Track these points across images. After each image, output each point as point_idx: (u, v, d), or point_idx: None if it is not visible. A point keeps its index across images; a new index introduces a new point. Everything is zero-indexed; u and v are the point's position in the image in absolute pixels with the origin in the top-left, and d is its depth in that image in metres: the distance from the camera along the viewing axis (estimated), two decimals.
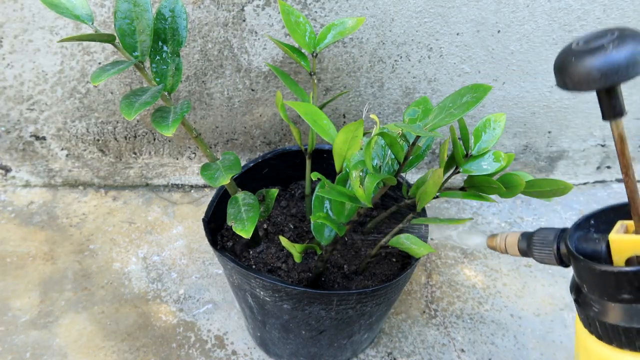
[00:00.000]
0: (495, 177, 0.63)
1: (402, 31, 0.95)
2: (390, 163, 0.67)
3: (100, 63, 0.98)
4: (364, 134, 0.62)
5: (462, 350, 0.87)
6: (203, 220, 0.75)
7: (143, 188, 1.13)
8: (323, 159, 0.87)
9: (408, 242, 0.70)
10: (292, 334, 0.76)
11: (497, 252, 1.01)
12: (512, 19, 0.95)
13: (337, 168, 0.63)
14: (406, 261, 0.80)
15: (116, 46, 0.59)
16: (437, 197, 0.65)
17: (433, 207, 1.11)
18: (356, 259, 0.79)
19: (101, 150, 1.09)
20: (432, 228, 1.07)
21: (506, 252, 0.54)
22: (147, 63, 0.63)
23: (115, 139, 1.08)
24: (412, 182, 0.71)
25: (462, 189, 0.66)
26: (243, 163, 0.98)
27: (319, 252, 0.70)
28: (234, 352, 0.85)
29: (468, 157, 0.66)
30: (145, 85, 0.99)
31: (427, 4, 0.92)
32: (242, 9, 0.92)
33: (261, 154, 0.92)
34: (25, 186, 1.11)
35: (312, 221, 0.68)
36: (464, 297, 0.95)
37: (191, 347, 0.86)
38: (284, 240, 0.65)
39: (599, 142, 1.14)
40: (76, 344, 0.85)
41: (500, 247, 0.55)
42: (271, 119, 1.06)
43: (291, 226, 0.83)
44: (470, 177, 0.65)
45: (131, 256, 0.99)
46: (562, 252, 0.47)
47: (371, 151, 0.57)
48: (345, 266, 0.78)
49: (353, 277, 0.77)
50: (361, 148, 0.60)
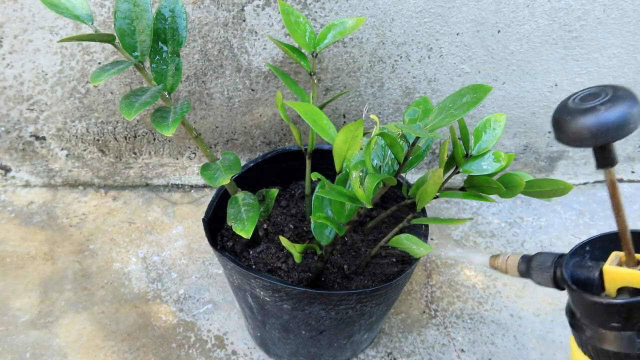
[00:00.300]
0: (495, 177, 0.63)
1: (402, 31, 0.95)
2: (390, 163, 0.67)
3: (100, 63, 0.98)
4: (364, 134, 0.62)
5: (462, 350, 0.87)
6: (203, 220, 0.75)
7: (143, 188, 1.13)
8: (323, 159, 0.87)
9: (408, 242, 0.70)
10: (292, 334, 0.76)
11: (493, 242, 1.01)
12: (512, 19, 0.95)
13: (337, 168, 0.63)
14: (406, 261, 0.80)
15: (116, 46, 0.59)
16: (437, 197, 0.65)
17: (433, 207, 1.11)
18: (356, 259, 0.79)
19: (101, 150, 1.09)
20: (432, 228, 1.07)
21: (507, 273, 0.58)
22: (147, 63, 0.63)
23: (115, 139, 1.08)
24: (412, 182, 0.71)
25: (462, 189, 0.66)
26: (243, 163, 0.98)
27: (319, 252, 0.70)
28: (234, 352, 0.85)
29: (468, 157, 0.66)
30: (145, 85, 0.99)
31: (427, 4, 0.92)
32: (242, 9, 0.92)
33: (261, 154, 0.92)
34: (25, 186, 1.11)
35: (312, 221, 0.68)
36: (464, 297, 0.95)
37: (191, 347, 0.86)
38: (284, 240, 0.65)
39: None
40: (76, 344, 0.85)
41: (501, 268, 0.59)
42: (271, 119, 1.06)
43: (291, 226, 0.83)
44: (470, 177, 0.65)
45: (131, 256, 0.99)
46: (558, 278, 0.50)
47: (371, 151, 0.57)
48: (345, 266, 0.78)
49: (353, 277, 0.77)
50: (361, 148, 0.60)
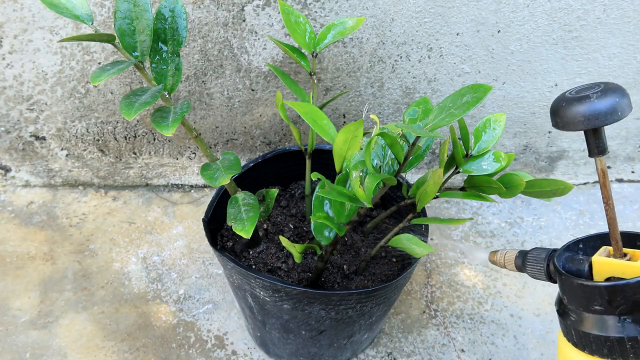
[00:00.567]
0: (495, 177, 0.63)
1: (402, 31, 0.95)
2: (390, 163, 0.67)
3: (100, 63, 0.98)
4: (364, 134, 0.62)
5: (462, 350, 0.87)
6: (203, 220, 0.75)
7: (143, 188, 1.13)
8: (323, 159, 0.87)
9: (408, 242, 0.70)
10: (292, 334, 0.76)
11: (493, 242, 1.02)
12: (512, 19, 0.95)
13: (337, 168, 0.63)
14: (406, 261, 0.80)
15: (116, 46, 0.59)
16: (437, 197, 0.65)
17: (433, 207, 1.11)
18: (356, 259, 0.79)
19: (101, 150, 1.09)
20: (432, 228, 1.07)
21: (505, 267, 0.61)
22: (147, 63, 0.63)
23: (115, 139, 1.08)
24: (412, 182, 0.71)
25: (462, 189, 0.66)
26: (243, 163, 0.98)
27: (319, 252, 0.70)
28: (234, 352, 0.85)
29: (468, 157, 0.66)
30: (145, 85, 0.99)
31: (427, 4, 0.92)
32: (242, 9, 0.92)
33: (261, 154, 0.92)
34: (25, 186, 1.11)
35: (312, 221, 0.68)
36: (464, 297, 0.95)
37: (191, 347, 0.86)
38: (284, 240, 0.65)
39: None
40: (76, 344, 0.85)
41: (499, 262, 0.61)
42: (271, 119, 1.06)
43: (291, 226, 0.83)
44: (470, 177, 0.65)
45: (131, 256, 0.99)
46: (551, 270, 0.53)
47: (371, 151, 0.57)
48: (345, 266, 0.78)
49: (353, 277, 0.77)
50: (361, 148, 0.60)
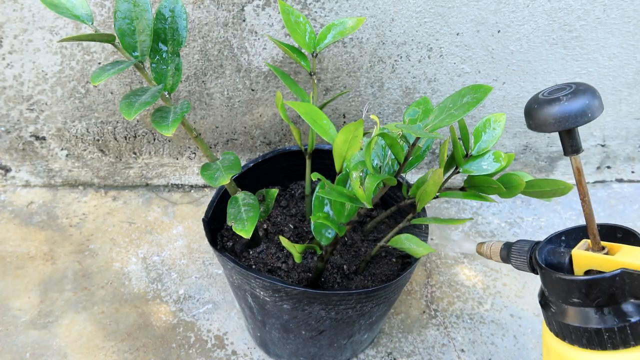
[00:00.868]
0: (495, 177, 0.63)
1: (402, 31, 0.95)
2: (390, 163, 0.67)
3: (100, 63, 0.98)
4: (364, 134, 0.62)
5: (462, 350, 0.87)
6: (203, 220, 0.75)
7: (143, 188, 1.13)
8: (323, 159, 0.87)
9: (408, 242, 0.70)
10: (292, 334, 0.76)
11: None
12: (512, 19, 0.95)
13: (337, 168, 0.63)
14: (406, 261, 0.80)
15: (116, 46, 0.59)
16: (437, 197, 0.65)
17: (433, 207, 1.11)
18: (356, 259, 0.79)
19: (101, 150, 1.09)
20: (432, 228, 1.07)
21: (490, 258, 0.62)
22: (147, 63, 0.63)
23: (115, 139, 1.08)
24: (412, 182, 0.71)
25: (462, 189, 0.66)
26: (243, 163, 0.98)
27: (319, 252, 0.70)
28: (234, 352, 0.85)
29: (468, 157, 0.66)
30: (145, 85, 0.99)
31: (427, 4, 0.92)
32: (242, 9, 0.92)
33: (261, 154, 0.92)
34: (25, 186, 1.11)
35: (312, 221, 0.68)
36: (464, 297, 0.95)
37: (191, 347, 0.86)
38: (284, 240, 0.65)
39: (599, 142, 1.14)
40: (76, 344, 0.85)
41: (486, 254, 0.63)
42: (271, 119, 1.06)
43: (291, 226, 0.83)
44: (470, 177, 0.65)
45: (131, 256, 0.99)
46: (534, 262, 0.54)
47: (371, 151, 0.57)
48: (345, 266, 0.78)
49: (353, 277, 0.77)
50: (361, 148, 0.60)
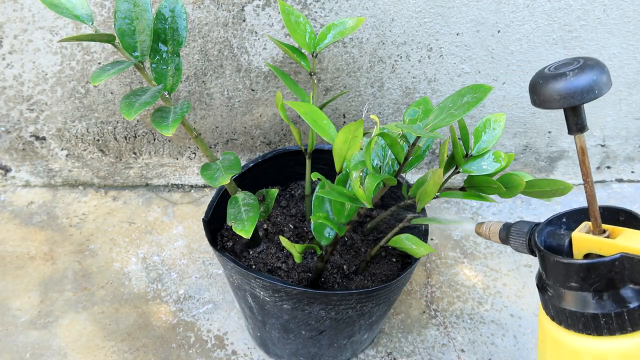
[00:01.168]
0: (495, 177, 0.63)
1: (402, 31, 0.95)
2: (390, 163, 0.67)
3: (100, 63, 0.98)
4: (364, 134, 0.62)
5: (462, 350, 0.87)
6: (203, 220, 0.75)
7: (143, 188, 1.13)
8: (323, 159, 0.87)
9: (408, 242, 0.70)
10: (292, 334, 0.76)
11: (493, 243, 1.02)
12: (512, 19, 0.95)
13: (337, 168, 0.63)
14: (406, 261, 0.80)
15: (116, 46, 0.59)
16: (437, 197, 0.65)
17: (433, 207, 1.11)
18: (356, 259, 0.79)
19: (101, 150, 1.09)
20: (432, 228, 1.07)
21: (489, 239, 0.61)
22: (147, 63, 0.63)
23: (115, 139, 1.08)
24: (412, 182, 0.71)
25: (462, 189, 0.66)
26: (243, 163, 0.98)
27: (319, 252, 0.70)
28: (234, 352, 0.85)
29: (468, 157, 0.66)
30: (145, 85, 0.99)
31: (427, 4, 0.92)
32: (242, 9, 0.92)
33: (261, 154, 0.92)
34: (25, 186, 1.11)
35: (312, 221, 0.68)
36: (464, 297, 0.95)
37: (191, 347, 0.86)
38: (284, 240, 0.65)
39: (599, 142, 1.14)
40: (76, 344, 0.85)
41: (485, 234, 0.61)
42: (271, 119, 1.06)
43: (291, 226, 0.83)
44: (470, 177, 0.65)
45: (131, 256, 0.99)
46: (532, 243, 0.53)
47: (371, 151, 0.57)
48: (345, 266, 0.78)
49: (353, 277, 0.77)
50: (361, 148, 0.60)
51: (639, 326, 0.45)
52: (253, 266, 0.76)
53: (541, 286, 0.51)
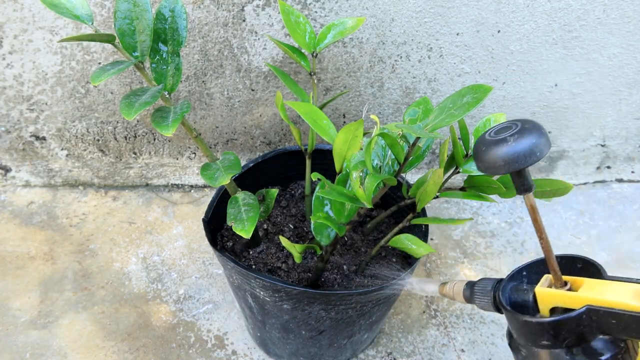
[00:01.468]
0: (495, 177, 0.63)
1: (402, 31, 0.95)
2: (390, 163, 0.67)
3: (100, 63, 0.98)
4: (364, 134, 0.62)
5: (462, 350, 0.87)
6: (203, 220, 0.75)
7: (143, 188, 1.13)
8: (323, 159, 0.87)
9: (408, 242, 0.70)
10: (292, 334, 0.76)
11: (493, 243, 1.01)
12: (512, 19, 0.95)
13: (337, 168, 0.63)
14: (406, 261, 0.80)
15: (116, 46, 0.59)
16: (437, 197, 0.65)
17: (433, 207, 1.11)
18: (356, 259, 0.79)
19: (101, 150, 1.09)
20: (432, 228, 1.07)
21: (454, 299, 0.59)
22: (147, 63, 0.63)
23: (115, 139, 1.08)
24: (412, 182, 0.71)
25: (462, 189, 0.66)
26: (243, 163, 0.98)
27: (319, 252, 0.70)
28: (234, 352, 0.85)
29: (468, 157, 0.66)
30: (145, 85, 0.99)
31: (427, 4, 0.92)
32: (242, 9, 0.92)
33: (261, 154, 0.92)
34: (25, 186, 1.11)
35: (312, 221, 0.68)
36: None
37: (191, 347, 0.86)
38: (284, 240, 0.65)
39: (599, 142, 1.14)
40: (76, 344, 0.85)
41: (449, 295, 0.60)
42: (271, 119, 1.06)
43: (291, 226, 0.83)
44: (470, 177, 0.65)
45: (131, 256, 0.99)
46: (497, 301, 0.52)
47: (371, 151, 0.57)
48: (345, 266, 0.78)
49: (353, 277, 0.77)
50: (361, 148, 0.60)
51: None
52: (253, 266, 0.76)
53: (514, 347, 0.51)
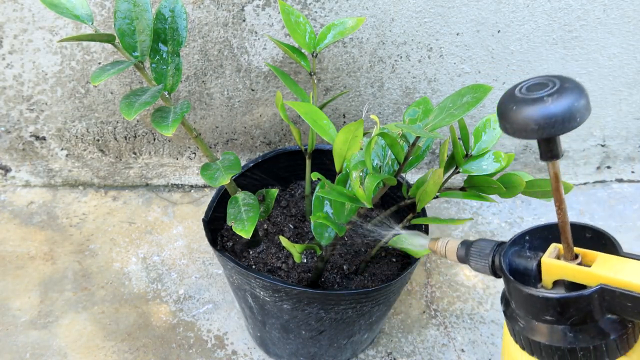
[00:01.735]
0: (495, 177, 0.63)
1: (402, 31, 0.95)
2: (390, 163, 0.68)
3: (100, 63, 0.98)
4: (364, 134, 0.62)
5: (462, 350, 0.87)
6: (203, 220, 0.75)
7: (143, 188, 1.13)
8: (323, 159, 0.87)
9: (408, 242, 0.70)
10: (292, 334, 0.76)
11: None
12: (512, 19, 0.95)
13: (337, 168, 0.63)
14: (406, 261, 0.80)
15: (116, 46, 0.59)
16: (437, 197, 0.65)
17: (433, 207, 1.11)
18: (356, 259, 0.79)
19: (101, 150, 1.09)
20: (432, 228, 1.07)
21: (445, 257, 0.55)
22: (147, 63, 0.63)
23: (115, 139, 1.08)
24: (412, 182, 0.71)
25: (462, 189, 0.66)
26: (243, 163, 0.98)
27: (319, 252, 0.70)
28: (234, 352, 0.85)
29: (468, 157, 0.66)
30: (145, 85, 0.99)
31: (427, 4, 0.92)
32: (242, 9, 0.92)
33: (261, 154, 0.92)
34: (25, 186, 1.11)
35: (312, 221, 0.68)
36: (464, 297, 0.95)
37: (191, 347, 0.86)
38: (284, 240, 0.65)
39: (599, 142, 1.14)
40: (76, 344, 0.85)
41: (440, 252, 0.55)
42: (271, 119, 1.06)
43: (291, 226, 0.83)
44: (470, 177, 0.65)
45: (131, 256, 0.99)
46: (496, 266, 0.49)
47: (371, 151, 0.57)
48: (345, 266, 0.78)
49: (353, 277, 0.77)
50: (361, 148, 0.60)
51: (616, 355, 0.43)
52: (253, 266, 0.76)
53: (510, 315, 0.47)
